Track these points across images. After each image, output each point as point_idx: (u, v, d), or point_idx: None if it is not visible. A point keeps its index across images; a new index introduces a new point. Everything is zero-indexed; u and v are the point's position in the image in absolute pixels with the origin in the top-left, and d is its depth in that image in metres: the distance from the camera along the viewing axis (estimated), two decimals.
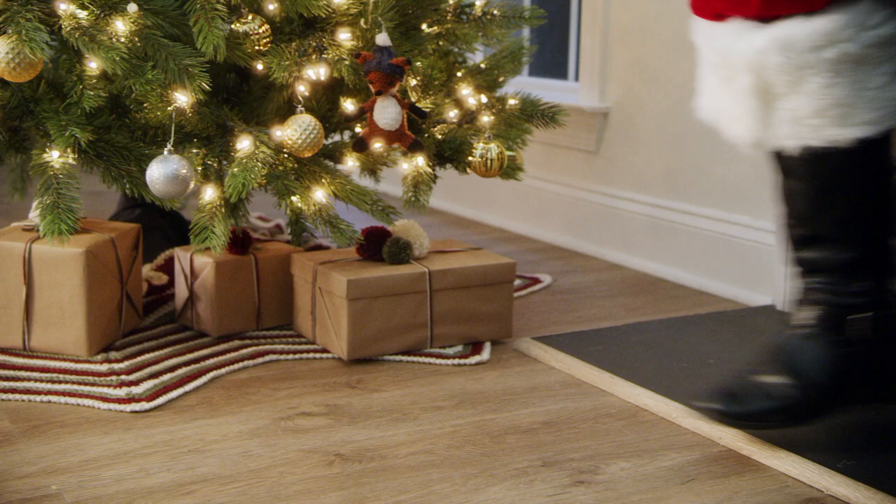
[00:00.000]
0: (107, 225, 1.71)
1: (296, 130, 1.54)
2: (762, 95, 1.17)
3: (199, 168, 1.53)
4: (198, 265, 1.71)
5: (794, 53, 1.14)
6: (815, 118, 1.17)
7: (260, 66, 1.59)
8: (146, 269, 1.95)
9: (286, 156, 1.57)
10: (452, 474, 1.20)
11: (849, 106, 1.17)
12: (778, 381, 1.23)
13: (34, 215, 1.64)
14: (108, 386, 1.46)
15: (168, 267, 1.97)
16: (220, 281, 1.69)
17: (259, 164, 1.43)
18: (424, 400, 1.45)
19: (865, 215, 1.23)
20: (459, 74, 1.89)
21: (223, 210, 1.52)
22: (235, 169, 1.43)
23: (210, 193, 1.53)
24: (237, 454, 1.24)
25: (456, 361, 1.64)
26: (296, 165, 1.60)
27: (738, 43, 1.16)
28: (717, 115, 1.24)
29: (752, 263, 2.03)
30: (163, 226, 2.08)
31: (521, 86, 2.29)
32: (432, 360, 1.64)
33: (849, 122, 1.18)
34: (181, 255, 1.74)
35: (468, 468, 1.22)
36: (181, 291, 1.75)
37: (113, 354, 1.59)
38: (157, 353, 1.61)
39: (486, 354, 1.66)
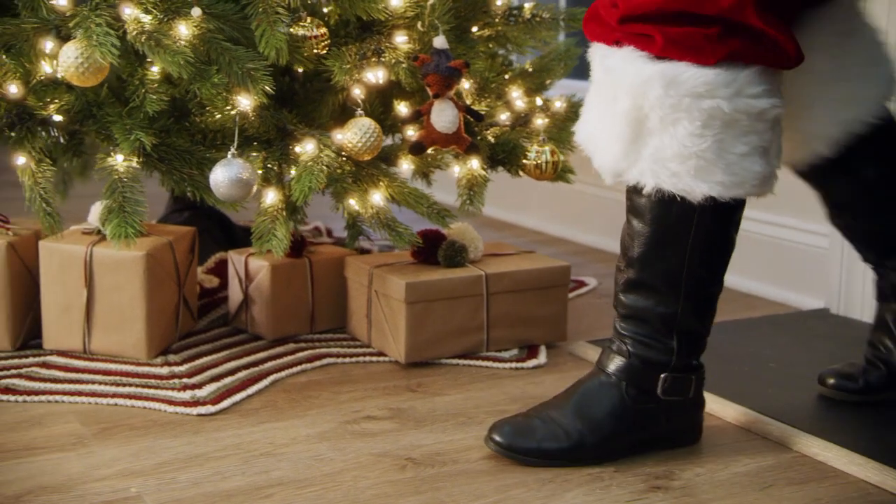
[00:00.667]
0: (163, 228, 1.72)
1: (356, 133, 1.54)
2: (635, 125, 1.18)
3: (260, 171, 1.54)
4: (253, 268, 1.71)
5: (674, 91, 1.19)
6: (674, 162, 1.21)
7: (315, 69, 1.59)
8: (198, 272, 1.96)
9: (344, 159, 1.58)
10: (527, 479, 1.20)
11: (707, 161, 1.20)
12: (570, 423, 1.25)
13: (93, 218, 1.65)
14: (172, 389, 1.47)
15: (219, 270, 1.98)
16: (276, 284, 1.69)
17: (324, 167, 1.43)
18: (487, 404, 1.44)
19: (696, 274, 1.27)
20: (507, 77, 1.89)
21: (284, 213, 1.52)
22: (301, 172, 1.43)
23: (271, 197, 1.54)
24: (309, 458, 1.25)
25: (513, 365, 1.63)
26: (353, 168, 1.61)
27: (627, 67, 1.17)
28: (589, 138, 1.25)
29: (802, 266, 2.02)
30: (211, 228, 2.09)
31: (563, 88, 2.28)
32: (489, 363, 1.64)
33: (703, 178, 1.21)
34: (235, 259, 1.75)
35: (542, 473, 1.21)
36: (235, 294, 1.75)
37: (172, 357, 1.60)
38: (215, 357, 1.61)
39: (542, 358, 1.65)
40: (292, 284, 1.72)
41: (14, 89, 1.41)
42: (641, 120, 1.18)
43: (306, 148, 1.48)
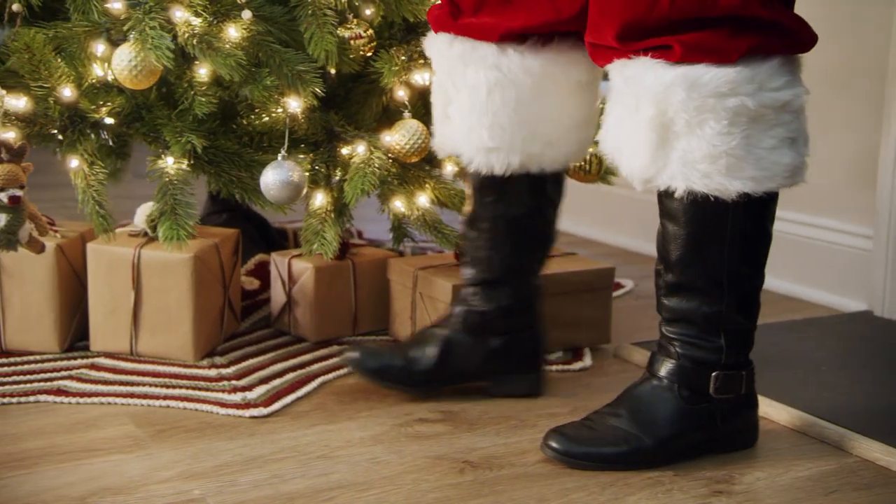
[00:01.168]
0: (208, 230, 1.72)
1: (403, 135, 1.55)
2: (661, 131, 1.19)
3: (307, 173, 1.54)
4: (296, 270, 1.71)
5: (697, 94, 1.19)
6: (704, 163, 1.21)
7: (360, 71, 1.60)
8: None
9: (391, 160, 1.58)
10: (587, 483, 1.19)
11: (737, 158, 1.21)
12: (626, 428, 1.25)
13: (139, 220, 1.65)
14: (222, 391, 1.47)
15: (258, 271, 1.98)
16: (320, 286, 1.69)
17: (376, 169, 1.43)
18: (538, 406, 1.44)
19: (736, 271, 1.28)
20: None
21: (333, 215, 1.52)
22: (354, 174, 1.43)
23: (320, 199, 1.54)
24: (366, 461, 1.25)
25: (559, 367, 1.63)
26: (399, 170, 1.61)
27: (647, 74, 1.18)
28: (615, 148, 1.25)
29: (843, 268, 2.01)
30: (249, 230, 2.09)
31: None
32: None
33: (735, 175, 1.21)
34: (278, 261, 1.75)
35: (601, 476, 1.21)
36: (278, 296, 1.76)
37: (218, 359, 1.60)
38: (260, 359, 1.62)
39: (588, 360, 1.65)
40: (336, 286, 1.72)
41: (68, 92, 1.41)
42: (667, 125, 1.19)
43: (357, 150, 1.48)
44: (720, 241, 1.24)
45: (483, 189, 1.41)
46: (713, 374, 1.27)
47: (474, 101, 1.34)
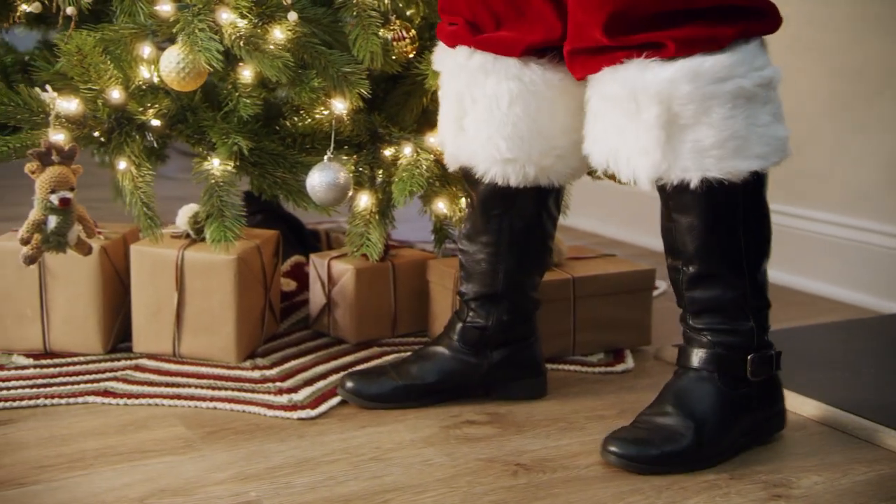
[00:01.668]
0: (249, 232, 1.72)
1: None
2: (668, 127, 1.21)
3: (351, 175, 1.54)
4: (336, 272, 1.71)
5: (701, 83, 1.24)
6: (715, 149, 1.25)
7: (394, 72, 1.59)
8: None
9: (433, 162, 1.57)
10: (642, 486, 1.19)
11: (743, 139, 1.26)
12: (679, 424, 1.26)
13: (181, 222, 1.66)
14: (268, 393, 1.47)
15: (295, 273, 1.98)
16: (360, 287, 1.69)
17: (423, 170, 1.43)
18: (584, 409, 1.44)
19: (751, 251, 1.33)
20: None
21: (377, 217, 1.52)
22: (402, 176, 1.43)
23: (364, 200, 1.54)
24: (418, 463, 1.24)
25: (602, 369, 1.63)
26: (441, 171, 1.60)
27: (645, 75, 1.20)
28: (612, 155, 1.26)
29: (880, 269, 2.00)
30: (284, 231, 2.09)
31: None
32: (577, 367, 1.63)
33: (744, 155, 1.26)
34: (317, 262, 1.75)
35: (656, 480, 1.21)
36: (317, 298, 1.76)
37: (260, 361, 1.60)
38: (302, 360, 1.62)
39: (630, 362, 1.65)
40: (376, 288, 1.72)
41: (116, 94, 1.41)
42: (672, 120, 1.22)
43: (404, 152, 1.48)
44: (736, 225, 1.28)
45: (489, 201, 1.41)
46: (749, 357, 1.30)
47: (493, 112, 1.34)
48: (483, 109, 1.34)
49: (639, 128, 1.22)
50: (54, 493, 1.13)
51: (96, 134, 1.47)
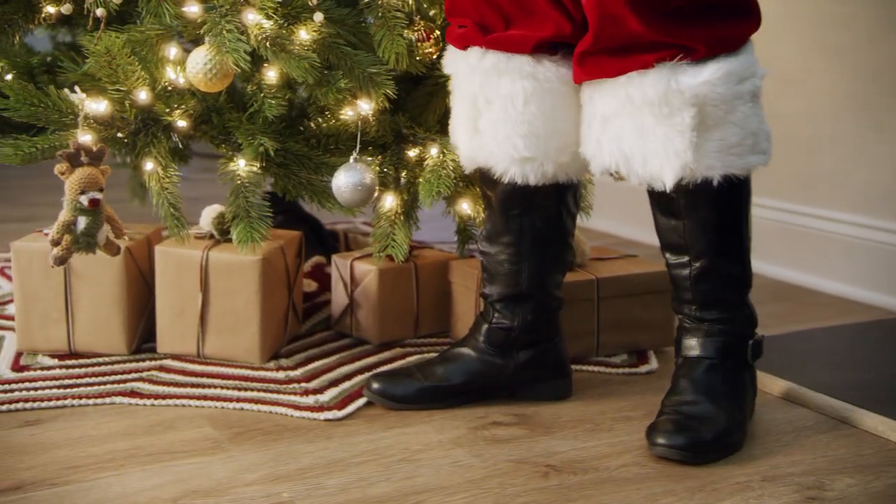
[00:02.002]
0: (272, 232, 1.72)
1: None
2: (699, 128, 1.25)
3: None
4: (359, 272, 1.71)
5: (731, 84, 1.28)
6: (737, 146, 1.30)
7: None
8: None
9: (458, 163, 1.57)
10: (674, 488, 1.19)
11: (755, 135, 1.31)
12: (708, 410, 1.30)
13: (204, 223, 1.66)
14: (294, 394, 1.47)
15: (315, 273, 1.98)
16: (383, 288, 1.69)
17: (450, 171, 1.43)
18: (611, 410, 1.44)
19: (747, 241, 1.38)
20: None
21: (402, 218, 1.52)
22: (429, 176, 1.43)
23: (389, 201, 1.54)
24: (448, 464, 1.24)
25: (626, 370, 1.62)
26: (465, 173, 1.60)
27: (679, 78, 1.23)
28: (623, 158, 1.28)
29: None
30: (304, 232, 2.09)
31: None
32: (601, 368, 1.63)
33: (756, 150, 1.31)
34: (340, 263, 1.75)
35: (687, 482, 1.20)
36: (340, 298, 1.76)
37: (284, 362, 1.60)
38: (326, 361, 1.62)
39: (654, 363, 1.64)
40: (398, 288, 1.72)
41: (143, 95, 1.42)
42: (703, 120, 1.25)
43: (430, 152, 1.48)
44: (742, 217, 1.33)
45: (509, 202, 1.41)
46: (749, 342, 1.35)
47: (509, 112, 1.34)
48: (498, 109, 1.34)
49: (669, 130, 1.24)
50: (87, 494, 1.13)
51: (120, 135, 1.47)
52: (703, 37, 1.22)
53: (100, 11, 1.26)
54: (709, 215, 1.29)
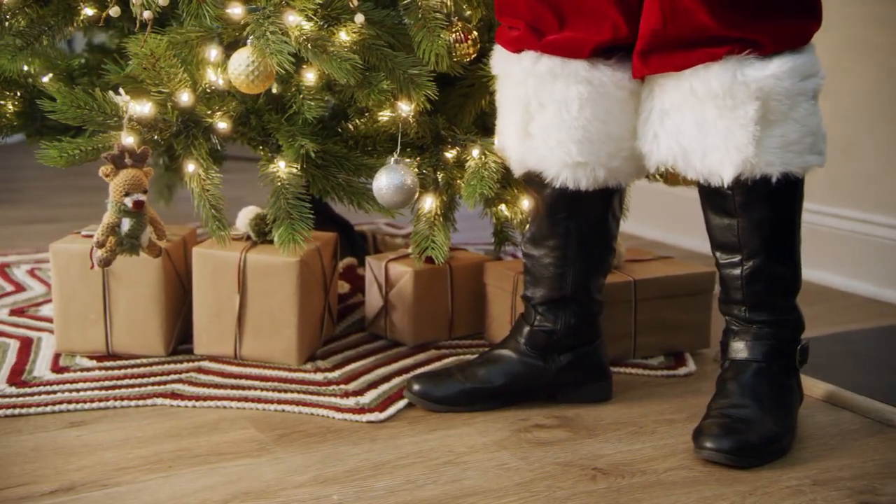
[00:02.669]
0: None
1: None
2: (762, 122, 1.25)
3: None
4: (394, 274, 1.71)
5: (795, 79, 1.28)
6: (797, 144, 1.29)
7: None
8: None
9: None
10: (725, 491, 1.18)
11: (814, 135, 1.31)
12: (756, 415, 1.29)
13: (241, 224, 1.66)
14: (334, 395, 1.47)
15: (347, 275, 1.98)
16: (418, 290, 1.69)
17: (493, 172, 1.43)
18: (652, 413, 1.43)
19: (799, 242, 1.37)
20: None
21: (442, 219, 1.52)
22: (471, 178, 1.43)
23: (429, 203, 1.53)
24: (494, 467, 1.24)
25: (664, 372, 1.62)
26: (503, 174, 1.60)
27: (745, 70, 1.23)
28: (682, 153, 1.28)
29: None
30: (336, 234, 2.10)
31: None
32: (639, 370, 1.62)
33: (815, 150, 1.31)
34: (374, 264, 1.75)
35: (737, 485, 1.20)
36: (374, 300, 1.75)
37: (320, 363, 1.60)
38: (363, 363, 1.61)
39: (692, 365, 1.64)
40: (433, 290, 1.72)
41: (185, 97, 1.42)
42: (765, 115, 1.25)
43: (472, 153, 1.48)
44: (796, 217, 1.33)
45: (556, 205, 1.40)
46: (798, 347, 1.35)
47: (563, 116, 1.33)
48: (552, 114, 1.33)
49: (732, 123, 1.24)
50: (138, 495, 1.13)
51: (155, 137, 1.47)
52: (769, 32, 1.23)
53: (147, 14, 1.26)
54: (764, 214, 1.29)
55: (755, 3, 1.23)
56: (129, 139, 1.36)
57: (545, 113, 1.34)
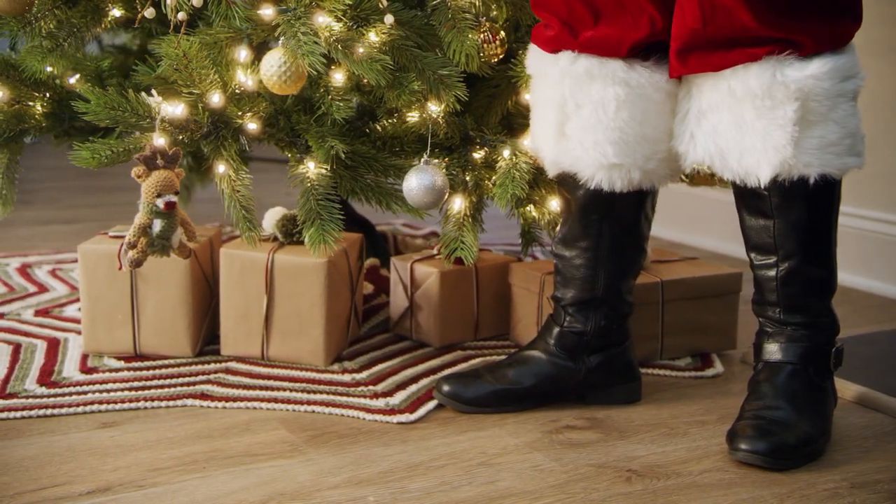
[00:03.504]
0: None
1: None
2: (801, 123, 1.24)
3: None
4: (419, 275, 1.71)
5: (836, 80, 1.28)
6: (835, 146, 1.29)
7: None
8: None
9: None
10: (762, 494, 1.18)
11: (853, 136, 1.30)
12: (790, 416, 1.28)
13: (268, 225, 1.66)
14: (363, 396, 1.47)
15: (370, 275, 1.98)
16: (444, 291, 1.69)
17: (524, 173, 1.42)
18: (683, 414, 1.43)
19: (835, 245, 1.37)
20: None
21: (471, 220, 1.52)
22: (504, 179, 1.43)
23: (458, 203, 1.53)
24: (528, 468, 1.24)
25: (692, 374, 1.61)
26: (532, 176, 1.60)
27: (786, 70, 1.23)
28: (719, 153, 1.28)
29: None
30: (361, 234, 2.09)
31: None
32: (667, 372, 1.62)
33: (853, 152, 1.31)
34: (399, 265, 1.75)
35: (774, 487, 1.19)
36: (399, 301, 1.75)
37: (347, 364, 1.60)
38: (389, 364, 1.61)
39: (719, 367, 1.63)
40: (459, 291, 1.71)
41: (216, 98, 1.42)
42: (805, 116, 1.24)
43: (503, 154, 1.48)
44: (833, 219, 1.32)
45: (589, 207, 1.40)
46: (833, 349, 1.34)
47: (600, 117, 1.33)
48: (589, 115, 1.33)
49: (770, 124, 1.23)
50: (175, 496, 1.13)
51: (181, 137, 1.47)
52: (810, 32, 1.22)
53: (181, 15, 1.26)
54: (800, 215, 1.28)
55: (796, 4, 1.22)
56: (160, 140, 1.36)
57: (581, 114, 1.33)
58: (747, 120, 1.24)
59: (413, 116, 1.52)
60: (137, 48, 2.04)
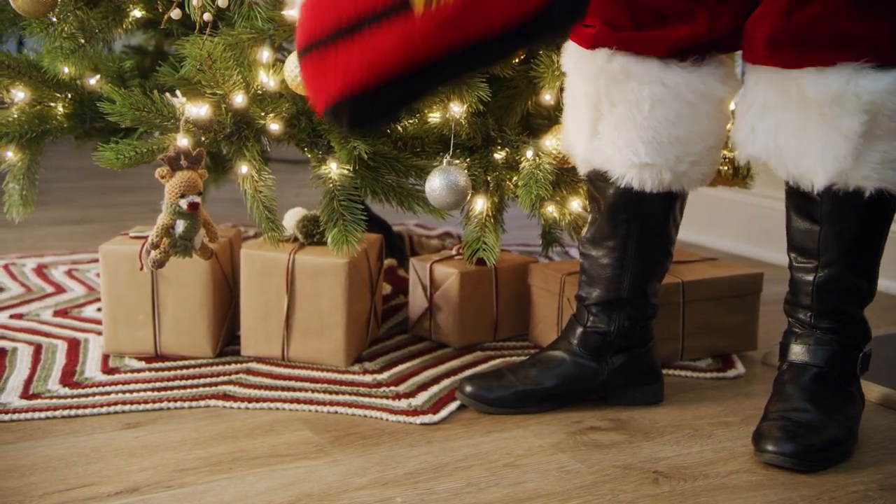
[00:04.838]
0: None
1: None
2: (867, 136, 1.22)
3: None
4: (439, 276, 1.71)
5: None
6: None
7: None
8: None
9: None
10: (790, 496, 1.17)
11: None
12: (820, 418, 1.28)
13: (288, 225, 1.66)
14: (386, 397, 1.46)
15: (388, 276, 1.98)
16: (464, 291, 1.69)
17: (547, 174, 1.42)
18: (706, 415, 1.42)
19: (880, 257, 1.35)
20: None
21: (493, 221, 1.51)
22: (528, 180, 1.43)
23: (480, 204, 1.53)
24: (555, 469, 1.23)
25: (714, 375, 1.61)
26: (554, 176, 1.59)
27: (859, 82, 1.20)
28: (776, 151, 1.27)
29: None
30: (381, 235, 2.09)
31: None
32: (688, 373, 1.61)
33: None
34: (418, 266, 1.75)
35: (802, 490, 1.19)
36: (418, 301, 1.75)
37: (368, 365, 1.60)
38: (410, 365, 1.61)
39: (741, 368, 1.63)
40: (479, 292, 1.71)
41: (240, 99, 1.42)
42: (872, 129, 1.21)
43: (526, 155, 1.48)
44: (883, 234, 1.31)
45: (618, 206, 1.39)
46: (860, 355, 1.33)
47: (634, 116, 1.32)
48: (622, 113, 1.32)
49: (833, 133, 1.21)
50: (202, 497, 1.13)
51: (203, 138, 1.47)
52: (891, 36, 1.19)
53: (207, 15, 1.27)
54: (850, 226, 1.27)
55: (879, 4, 1.19)
56: (184, 141, 1.36)
57: (615, 112, 1.32)
58: (811, 124, 1.22)
59: (434, 117, 1.52)
60: (153, 49, 2.04)
